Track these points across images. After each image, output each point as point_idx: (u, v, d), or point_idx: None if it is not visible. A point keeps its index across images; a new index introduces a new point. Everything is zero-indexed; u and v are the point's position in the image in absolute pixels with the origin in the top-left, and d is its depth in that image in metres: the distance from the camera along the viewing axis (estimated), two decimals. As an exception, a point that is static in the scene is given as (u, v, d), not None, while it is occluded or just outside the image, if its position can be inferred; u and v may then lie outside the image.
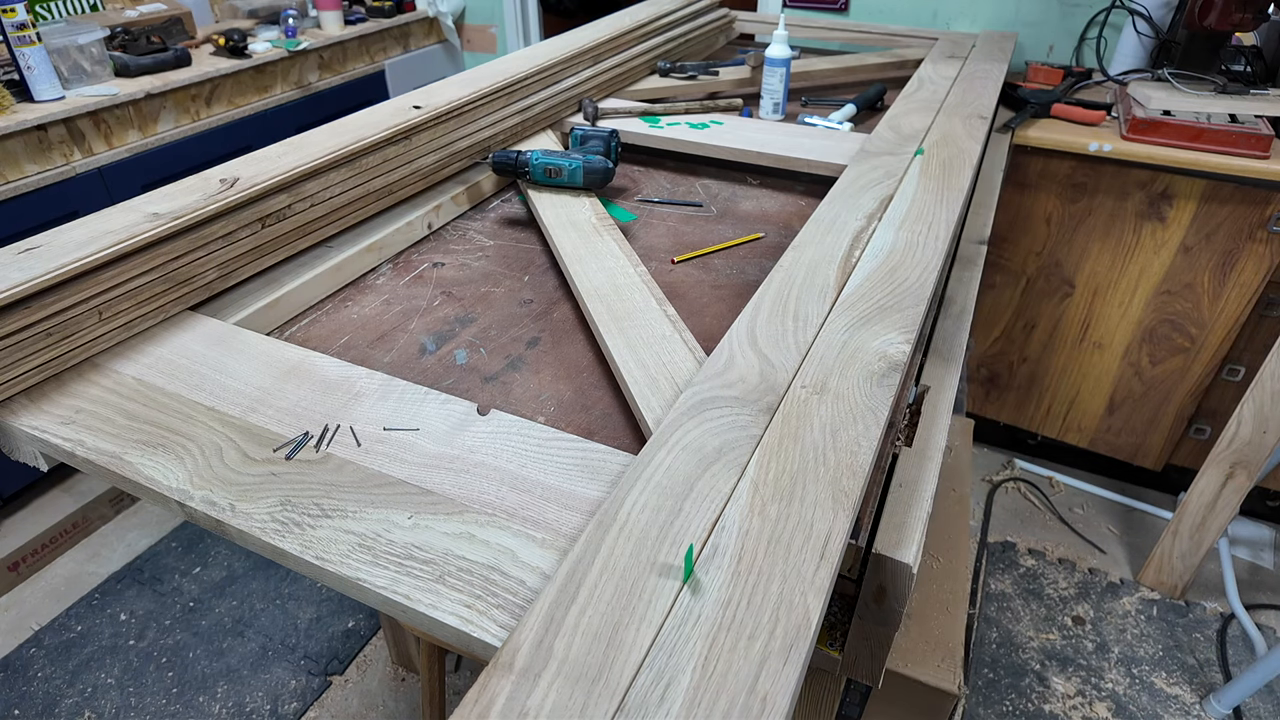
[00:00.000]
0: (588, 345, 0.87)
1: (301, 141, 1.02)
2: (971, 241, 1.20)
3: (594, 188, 1.15)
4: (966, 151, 1.15)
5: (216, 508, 0.59)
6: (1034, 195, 1.75)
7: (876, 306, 0.78)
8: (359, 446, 0.65)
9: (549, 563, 0.54)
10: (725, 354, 0.71)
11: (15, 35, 1.66)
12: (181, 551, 1.90)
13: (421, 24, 2.69)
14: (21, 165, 1.67)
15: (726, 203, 1.24)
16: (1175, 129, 1.53)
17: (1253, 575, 1.86)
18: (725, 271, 1.03)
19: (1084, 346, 1.90)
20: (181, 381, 0.74)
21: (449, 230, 1.14)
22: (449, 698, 1.50)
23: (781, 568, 0.50)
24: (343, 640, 1.69)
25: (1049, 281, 1.86)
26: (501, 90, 1.25)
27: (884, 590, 0.65)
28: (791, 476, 0.57)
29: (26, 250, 0.75)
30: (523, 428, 0.68)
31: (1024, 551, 1.93)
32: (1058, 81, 1.85)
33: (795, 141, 1.29)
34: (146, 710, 1.55)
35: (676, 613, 0.47)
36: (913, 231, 0.92)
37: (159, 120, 1.92)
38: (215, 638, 1.69)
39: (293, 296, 0.92)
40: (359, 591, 0.54)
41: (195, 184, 0.89)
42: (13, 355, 0.70)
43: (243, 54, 2.09)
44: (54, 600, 1.78)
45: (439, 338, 0.88)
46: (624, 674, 0.44)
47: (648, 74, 1.66)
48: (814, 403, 0.65)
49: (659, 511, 0.54)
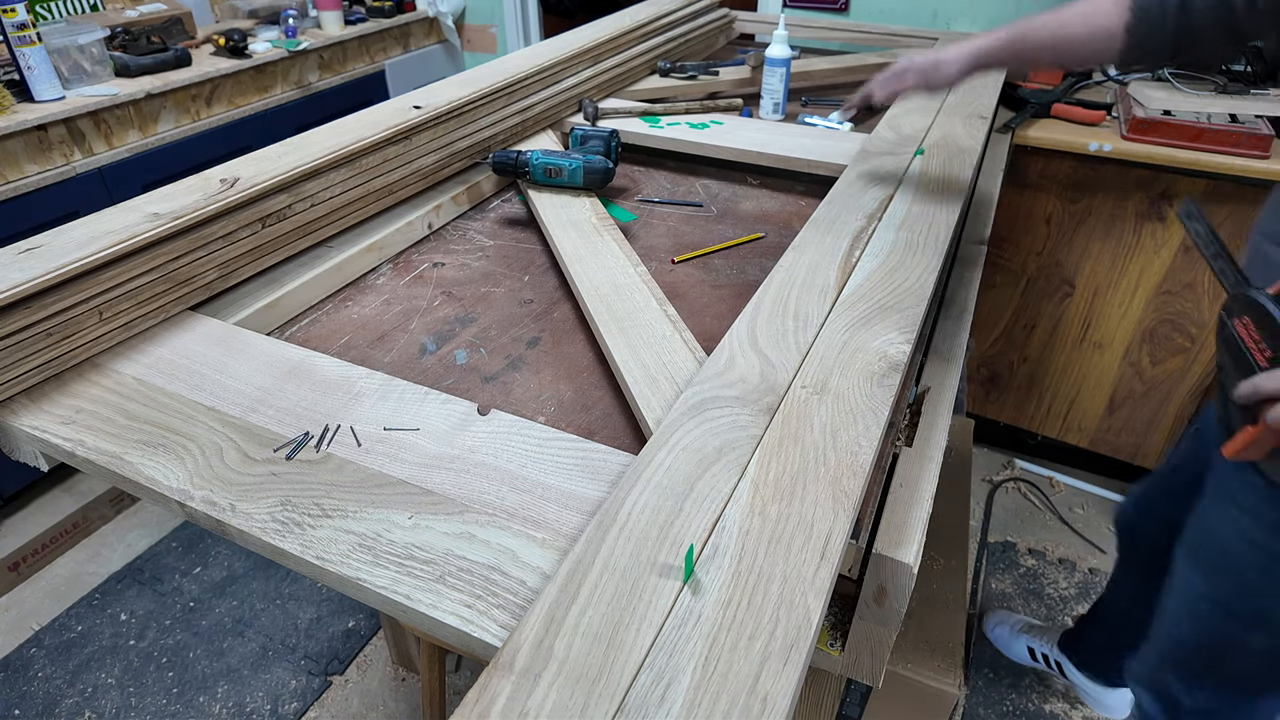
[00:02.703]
0: (588, 345, 0.87)
1: (302, 141, 1.02)
2: (971, 241, 1.20)
3: (594, 188, 1.15)
4: (966, 151, 1.15)
5: (217, 508, 0.59)
6: (1034, 195, 1.75)
7: (877, 306, 0.78)
8: (359, 446, 0.65)
9: (549, 563, 0.54)
10: (725, 354, 0.71)
11: (15, 35, 1.66)
12: (182, 551, 1.90)
13: (421, 24, 2.69)
14: (22, 165, 1.67)
15: (726, 203, 1.24)
16: (1175, 129, 1.53)
17: (1253, 575, 1.86)
18: (725, 271, 1.03)
19: (1084, 346, 1.90)
20: (182, 381, 0.74)
21: (449, 230, 1.14)
22: (449, 698, 1.50)
23: (782, 568, 0.50)
24: (343, 640, 1.69)
25: (1049, 281, 1.86)
26: (501, 90, 1.25)
27: (884, 590, 0.65)
28: (792, 476, 0.57)
29: (27, 250, 0.75)
30: (523, 428, 0.68)
31: (1024, 551, 1.93)
32: (1058, 81, 1.85)
33: (795, 141, 1.29)
34: (147, 710, 1.55)
35: (677, 613, 0.47)
36: (913, 231, 0.92)
37: (159, 120, 1.92)
38: (215, 638, 1.69)
39: (293, 296, 0.92)
40: (359, 591, 0.54)
41: (195, 184, 0.89)
42: (13, 355, 0.70)
43: (243, 54, 2.09)
44: (54, 600, 1.78)
45: (439, 338, 0.88)
46: (624, 674, 0.44)
47: (648, 74, 1.66)
48: (814, 403, 0.65)
49: (659, 511, 0.54)
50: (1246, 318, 0.72)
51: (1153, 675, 1.05)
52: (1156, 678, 1.05)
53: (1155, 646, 1.05)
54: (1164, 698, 1.04)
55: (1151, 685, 1.06)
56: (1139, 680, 1.09)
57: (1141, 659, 1.08)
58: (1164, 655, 1.03)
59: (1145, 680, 1.07)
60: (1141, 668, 1.08)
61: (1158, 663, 1.04)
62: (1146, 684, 1.07)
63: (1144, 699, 1.08)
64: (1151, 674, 1.06)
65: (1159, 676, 1.04)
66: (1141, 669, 1.08)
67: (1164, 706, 1.05)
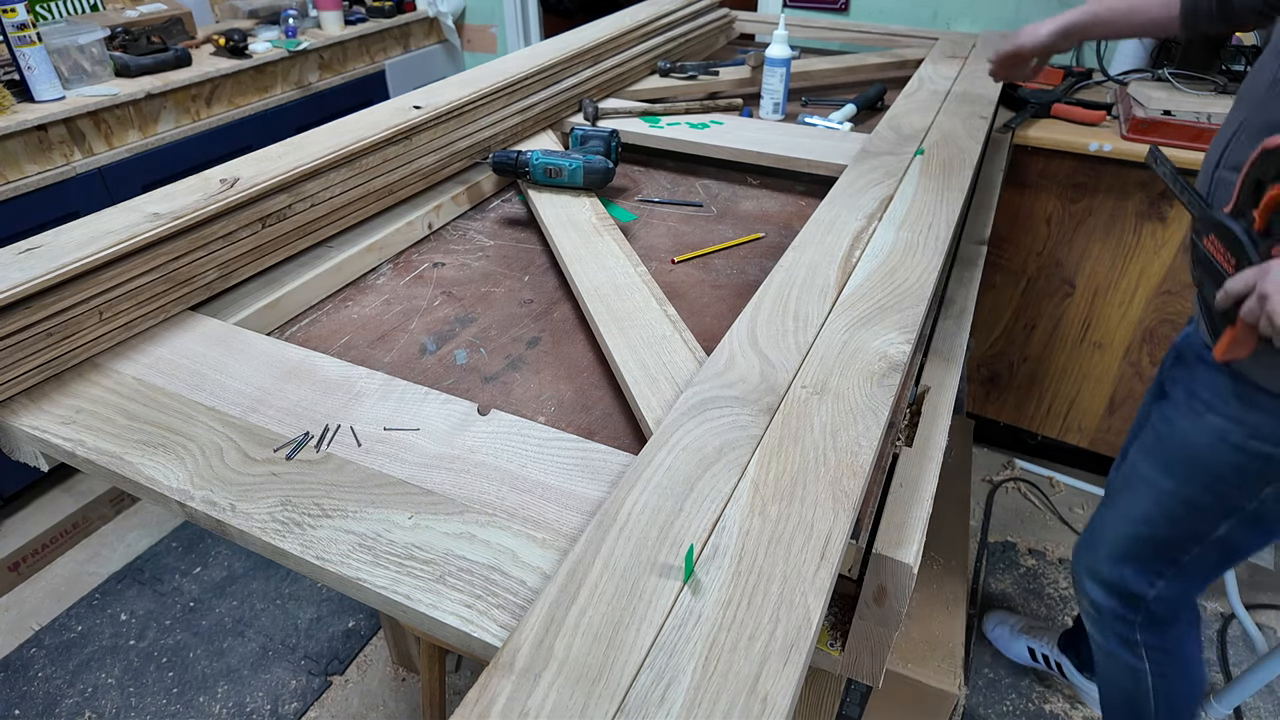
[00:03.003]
0: (588, 345, 0.87)
1: (302, 141, 1.02)
2: (972, 241, 1.20)
3: (594, 188, 1.15)
4: (967, 151, 1.15)
5: (217, 508, 0.59)
6: (1034, 195, 1.75)
7: (877, 306, 0.78)
8: (359, 446, 0.65)
9: (549, 563, 0.54)
10: (725, 354, 0.71)
11: (16, 35, 1.66)
12: (182, 551, 1.90)
13: (421, 24, 2.69)
14: (22, 165, 1.67)
15: (727, 203, 1.24)
16: (1175, 129, 1.53)
17: (1253, 575, 1.86)
18: (725, 271, 1.03)
19: (1084, 346, 1.90)
20: (182, 381, 0.74)
21: (449, 230, 1.14)
22: (449, 698, 1.50)
23: (782, 568, 0.50)
24: (343, 640, 1.69)
25: (1049, 281, 1.86)
26: (501, 90, 1.25)
27: (884, 590, 0.65)
28: (792, 476, 0.57)
29: (27, 250, 0.75)
30: (523, 428, 0.68)
31: (1024, 551, 1.93)
32: (1058, 81, 1.85)
33: (795, 141, 1.29)
34: (147, 710, 1.55)
35: (677, 613, 0.47)
36: (913, 231, 0.92)
37: (159, 120, 1.93)
38: (215, 638, 1.69)
39: (293, 296, 0.92)
40: (359, 591, 0.54)
41: (195, 184, 0.89)
42: (13, 355, 0.70)
43: (243, 54, 2.09)
44: (54, 600, 1.78)
45: (439, 338, 0.88)
46: (624, 674, 0.44)
47: (648, 74, 1.66)
48: (814, 403, 0.65)
49: (659, 512, 0.54)
50: (1212, 235, 0.83)
51: (1110, 572, 1.12)
52: (1114, 573, 1.11)
53: (1113, 547, 1.11)
54: (1120, 592, 1.12)
55: (1108, 582, 1.13)
56: (1096, 578, 1.15)
57: (1096, 560, 1.14)
58: (1124, 553, 1.10)
59: (1103, 578, 1.14)
60: (1099, 567, 1.14)
61: (1117, 560, 1.11)
62: (1103, 581, 1.14)
63: (1099, 596, 1.15)
64: (1110, 571, 1.12)
65: (1117, 572, 1.11)
66: (1099, 568, 1.14)
67: (1121, 599, 1.13)
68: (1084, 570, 1.18)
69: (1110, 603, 1.14)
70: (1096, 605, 1.16)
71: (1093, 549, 1.16)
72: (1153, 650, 1.14)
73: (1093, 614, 1.19)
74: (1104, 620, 1.17)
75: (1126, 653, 1.16)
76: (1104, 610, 1.15)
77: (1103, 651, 1.20)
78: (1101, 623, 1.17)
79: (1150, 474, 1.05)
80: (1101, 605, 1.15)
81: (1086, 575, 1.17)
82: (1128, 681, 1.18)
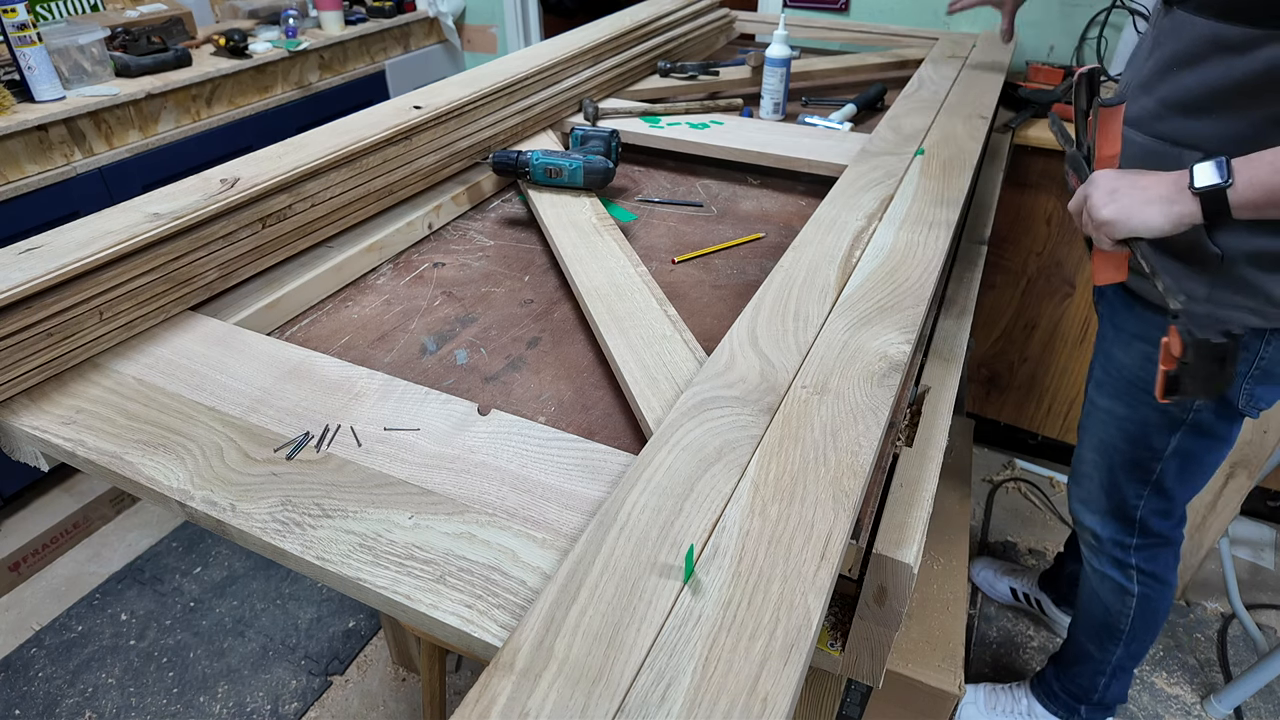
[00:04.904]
0: (588, 345, 0.87)
1: (302, 141, 1.02)
2: (972, 241, 1.20)
3: (594, 188, 1.15)
4: (967, 151, 1.15)
5: (217, 508, 0.59)
6: (1034, 195, 1.75)
7: (877, 306, 0.78)
8: (359, 446, 0.65)
9: (549, 563, 0.54)
10: (726, 354, 0.71)
11: (16, 35, 1.66)
12: (182, 551, 1.90)
13: (422, 24, 2.69)
14: (22, 165, 1.67)
15: (727, 203, 1.24)
16: (1176, 129, 1.53)
17: (1253, 575, 1.86)
18: (725, 271, 1.03)
19: (1085, 346, 1.90)
20: (182, 381, 0.74)
21: (449, 230, 1.14)
22: (449, 698, 1.51)
23: (782, 568, 0.50)
24: (343, 640, 1.69)
25: (1049, 281, 1.86)
26: (502, 90, 1.25)
27: (884, 590, 0.65)
28: (792, 477, 0.57)
29: (27, 250, 0.75)
30: (523, 428, 0.68)
31: (1024, 551, 1.93)
32: (1058, 81, 1.85)
33: (795, 141, 1.29)
34: (147, 710, 1.55)
35: (677, 613, 0.47)
36: (913, 231, 0.92)
37: (159, 120, 1.93)
38: (216, 638, 1.69)
39: (293, 296, 0.92)
40: (360, 591, 0.54)
41: (196, 184, 0.89)
42: (13, 355, 0.70)
43: (243, 54, 2.09)
44: (55, 600, 1.78)
45: (439, 338, 0.88)
46: (624, 674, 0.44)
47: (648, 74, 1.66)
48: (814, 403, 0.65)
49: (659, 512, 0.54)
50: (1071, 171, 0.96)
51: (1110, 498, 1.20)
52: (1114, 497, 1.19)
53: (1096, 474, 1.20)
54: (1121, 515, 1.20)
55: (1110, 508, 1.21)
56: (1092, 507, 1.23)
57: (1089, 491, 1.23)
58: (1107, 480, 1.19)
59: (1098, 506, 1.22)
60: (1091, 496, 1.23)
61: (1111, 486, 1.19)
62: (1099, 509, 1.23)
63: (1096, 524, 1.24)
64: (1109, 498, 1.20)
65: (1115, 494, 1.19)
66: (1091, 497, 1.23)
67: (1119, 523, 1.21)
68: (1079, 504, 1.26)
69: (1108, 529, 1.22)
70: (1096, 534, 1.25)
71: (1079, 483, 1.25)
72: (1143, 574, 1.24)
73: (1093, 543, 1.27)
74: (1103, 547, 1.25)
75: (1119, 574, 1.25)
76: (1103, 538, 1.24)
77: (1096, 575, 1.29)
78: (1100, 550, 1.26)
79: (1106, 404, 1.14)
80: (1100, 533, 1.24)
81: (1082, 507, 1.26)
82: (1115, 602, 1.28)
